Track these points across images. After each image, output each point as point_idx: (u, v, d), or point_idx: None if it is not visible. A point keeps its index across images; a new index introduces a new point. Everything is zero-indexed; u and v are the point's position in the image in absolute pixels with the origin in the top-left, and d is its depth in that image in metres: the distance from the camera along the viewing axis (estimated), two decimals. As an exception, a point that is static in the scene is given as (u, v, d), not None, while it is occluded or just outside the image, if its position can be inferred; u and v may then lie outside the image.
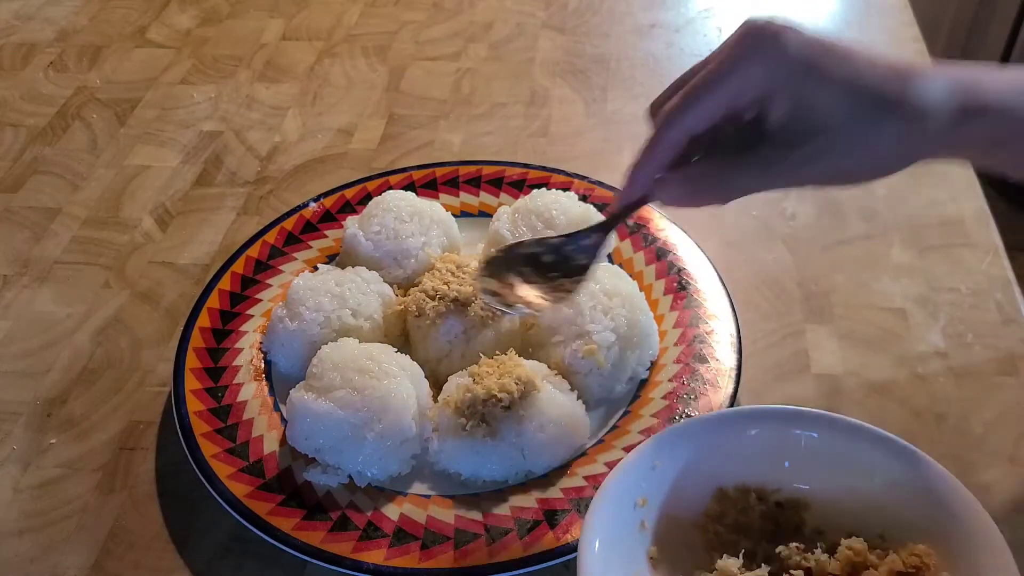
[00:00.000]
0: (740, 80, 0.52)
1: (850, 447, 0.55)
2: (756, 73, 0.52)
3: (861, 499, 0.54)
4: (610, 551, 0.52)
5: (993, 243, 0.84)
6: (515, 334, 0.73)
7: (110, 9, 1.26)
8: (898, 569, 0.50)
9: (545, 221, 0.78)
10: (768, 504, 0.56)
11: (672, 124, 0.54)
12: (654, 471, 0.55)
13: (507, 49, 1.15)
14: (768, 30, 0.53)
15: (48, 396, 0.75)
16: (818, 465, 0.56)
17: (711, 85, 0.53)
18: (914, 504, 0.52)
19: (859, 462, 0.55)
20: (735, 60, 0.52)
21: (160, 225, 0.91)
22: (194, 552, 0.64)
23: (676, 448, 0.56)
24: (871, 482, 0.54)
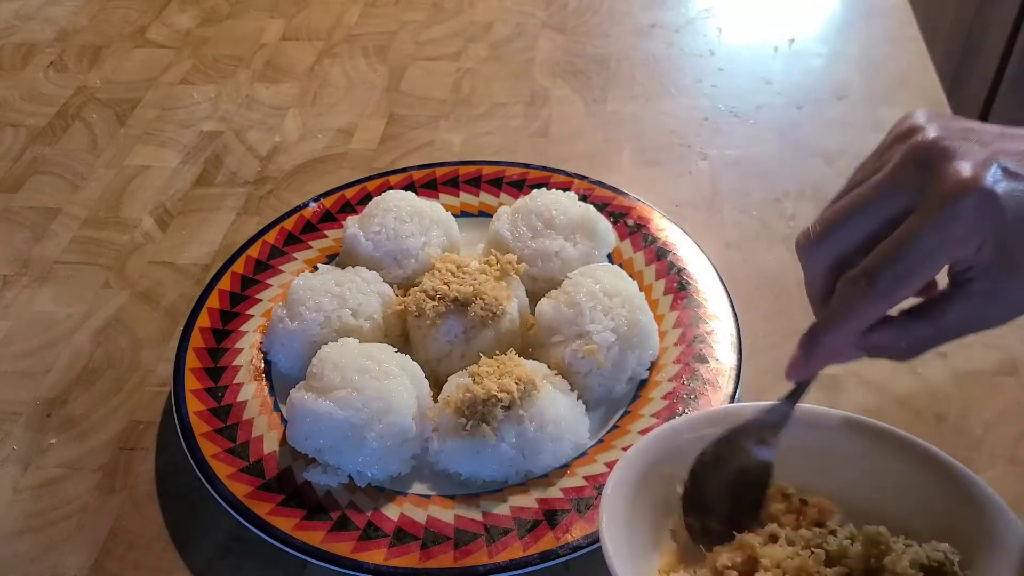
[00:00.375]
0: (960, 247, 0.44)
1: (871, 450, 0.55)
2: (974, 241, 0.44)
3: (887, 500, 0.54)
4: (636, 511, 0.52)
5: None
6: (515, 334, 0.73)
7: (110, 9, 1.26)
8: (921, 562, 0.49)
9: (545, 221, 0.78)
10: (792, 501, 0.56)
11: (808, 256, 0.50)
12: (681, 447, 0.55)
13: (507, 49, 1.15)
14: (963, 175, 0.43)
15: (48, 396, 0.75)
16: (842, 468, 0.56)
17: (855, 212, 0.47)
18: (939, 504, 0.52)
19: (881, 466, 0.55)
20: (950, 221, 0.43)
21: (160, 225, 0.91)
22: (194, 552, 0.64)
23: (709, 430, 0.56)
24: (899, 488, 0.54)
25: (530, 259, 0.77)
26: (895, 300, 0.46)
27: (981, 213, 0.43)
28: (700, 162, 0.95)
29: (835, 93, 1.03)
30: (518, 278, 0.75)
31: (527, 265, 0.76)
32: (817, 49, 1.11)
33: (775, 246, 0.85)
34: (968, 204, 0.43)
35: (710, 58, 1.11)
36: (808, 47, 1.12)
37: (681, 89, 1.06)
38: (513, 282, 0.74)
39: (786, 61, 1.10)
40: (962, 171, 0.43)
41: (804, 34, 1.14)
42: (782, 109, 1.02)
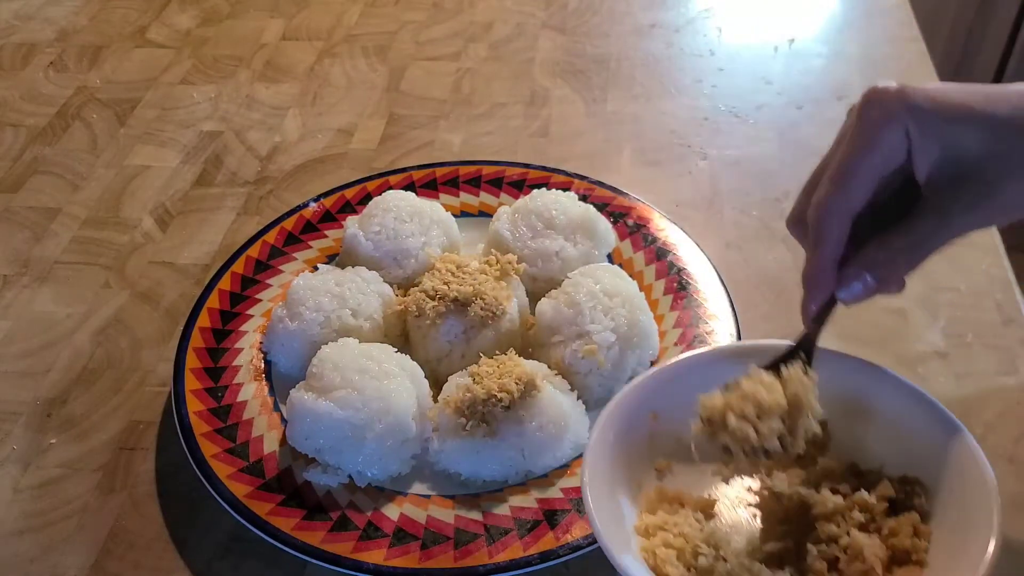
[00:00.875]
0: (882, 146, 0.52)
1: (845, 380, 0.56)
2: (895, 135, 0.52)
3: (864, 430, 0.56)
4: (618, 452, 0.54)
5: (993, 243, 0.84)
6: (515, 334, 0.73)
7: (110, 9, 1.26)
8: (888, 495, 0.51)
9: (545, 221, 0.78)
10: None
11: (834, 212, 0.53)
12: (668, 389, 0.57)
13: (507, 49, 1.15)
14: (889, 93, 0.52)
15: (48, 396, 0.75)
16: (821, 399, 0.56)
17: (856, 160, 0.53)
18: (906, 434, 0.54)
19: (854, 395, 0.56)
20: (870, 130, 0.52)
21: (160, 225, 0.91)
22: (194, 552, 0.64)
23: (690, 372, 0.57)
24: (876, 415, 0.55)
25: (530, 259, 0.77)
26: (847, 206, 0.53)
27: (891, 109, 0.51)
28: (700, 162, 0.95)
29: (835, 93, 1.03)
30: (518, 278, 0.75)
31: (527, 265, 0.76)
32: (817, 49, 1.11)
33: (775, 246, 0.85)
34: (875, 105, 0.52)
35: (710, 58, 1.11)
36: (808, 47, 1.12)
37: (681, 89, 1.06)
38: (513, 282, 0.74)
39: (786, 61, 1.10)
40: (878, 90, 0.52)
41: (804, 34, 1.14)
42: (782, 109, 1.02)
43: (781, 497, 0.53)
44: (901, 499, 0.52)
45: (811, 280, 0.55)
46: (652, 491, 0.56)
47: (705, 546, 0.52)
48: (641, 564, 0.50)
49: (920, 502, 0.51)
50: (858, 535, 0.50)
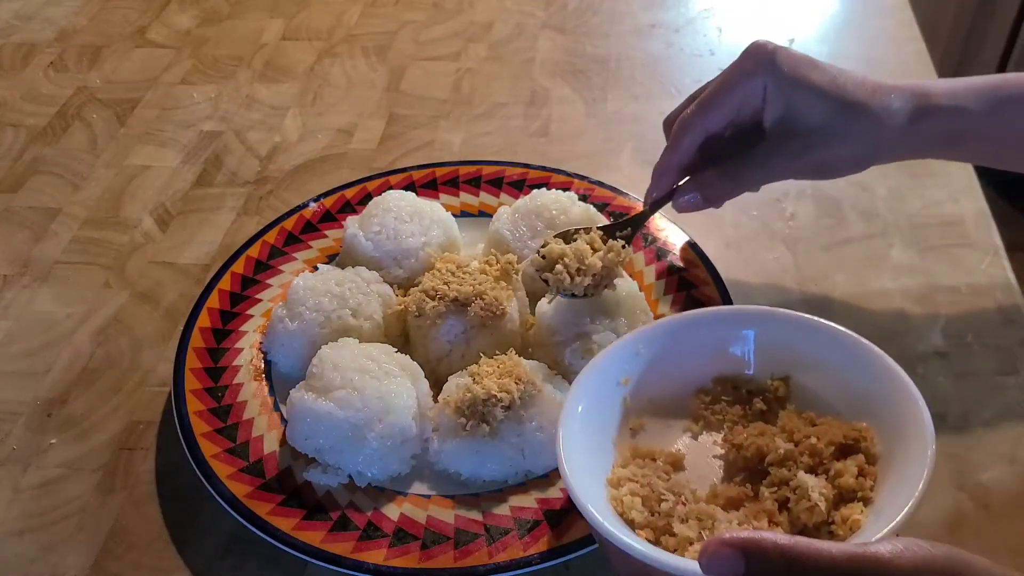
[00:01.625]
0: (743, 90, 0.68)
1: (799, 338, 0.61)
2: (755, 84, 0.67)
3: (819, 384, 0.60)
4: (591, 415, 0.58)
5: (993, 243, 0.84)
6: (515, 334, 0.73)
7: (110, 9, 1.26)
8: (838, 441, 0.55)
9: (545, 221, 0.78)
10: (741, 392, 0.62)
11: (689, 127, 0.70)
12: (638, 356, 0.61)
13: (507, 49, 1.15)
14: (766, 49, 0.67)
15: (48, 396, 0.75)
16: (780, 357, 0.62)
17: (721, 93, 0.69)
18: (855, 384, 0.58)
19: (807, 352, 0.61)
20: (740, 74, 0.68)
21: (160, 225, 0.91)
22: (194, 552, 0.64)
23: (657, 339, 0.62)
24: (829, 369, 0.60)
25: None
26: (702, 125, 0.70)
27: (760, 62, 0.67)
28: (700, 162, 0.95)
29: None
30: (518, 278, 0.75)
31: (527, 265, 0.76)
32: (817, 49, 1.11)
33: (775, 246, 0.85)
34: (751, 55, 0.68)
35: (710, 58, 1.11)
36: (808, 47, 1.11)
37: (681, 89, 1.06)
38: (513, 282, 0.74)
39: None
40: (758, 44, 0.68)
41: (804, 34, 1.14)
42: (782, 109, 1.02)
43: (740, 447, 0.57)
44: (850, 444, 0.55)
45: (657, 173, 0.73)
46: (627, 448, 0.59)
47: (668, 493, 0.55)
48: (609, 510, 0.53)
49: (867, 445, 0.55)
50: (804, 476, 0.53)
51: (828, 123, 0.66)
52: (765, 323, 0.62)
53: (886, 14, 1.16)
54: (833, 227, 0.87)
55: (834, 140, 0.66)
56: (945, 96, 0.67)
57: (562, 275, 0.69)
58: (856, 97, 0.66)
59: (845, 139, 0.66)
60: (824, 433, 0.56)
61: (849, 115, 0.66)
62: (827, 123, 0.66)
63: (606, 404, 0.60)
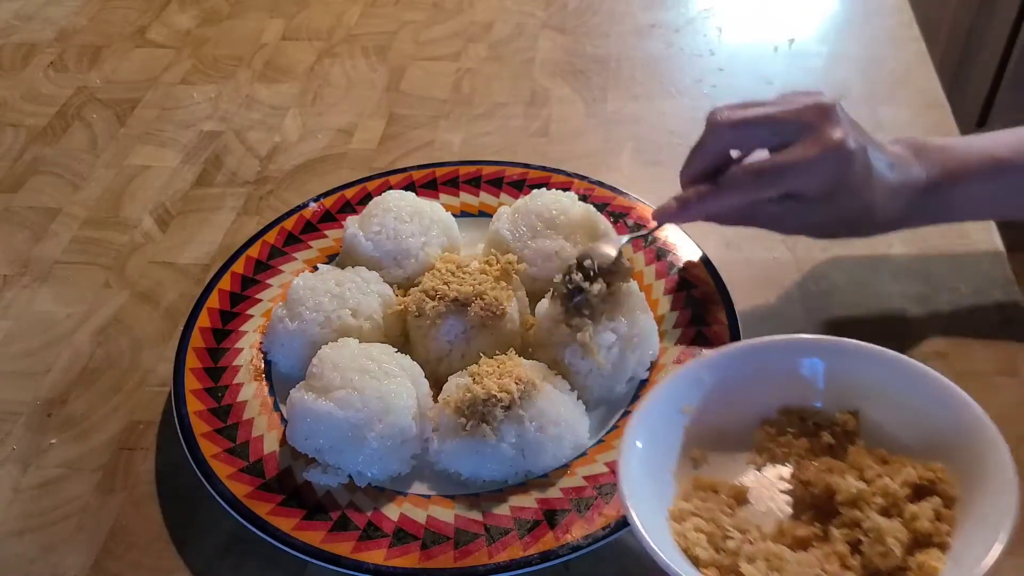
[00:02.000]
0: (809, 181, 0.67)
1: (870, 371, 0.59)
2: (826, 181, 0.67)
3: (891, 420, 0.58)
4: (652, 445, 0.57)
5: (993, 243, 0.84)
6: (515, 334, 0.73)
7: (110, 9, 1.26)
8: (912, 481, 0.53)
9: (545, 221, 0.78)
10: (808, 424, 0.60)
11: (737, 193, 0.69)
12: (700, 384, 0.60)
13: (507, 49, 1.15)
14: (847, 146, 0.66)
15: (48, 396, 0.75)
16: (849, 390, 0.60)
17: (785, 175, 0.67)
18: (930, 421, 0.56)
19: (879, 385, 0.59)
20: (810, 163, 0.66)
21: (160, 225, 0.91)
22: (194, 552, 0.64)
23: (722, 366, 0.61)
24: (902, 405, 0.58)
25: (530, 259, 0.77)
26: (764, 195, 0.69)
27: (841, 158, 0.66)
28: (700, 162, 0.95)
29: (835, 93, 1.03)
30: (518, 278, 0.75)
31: (527, 265, 0.76)
32: (817, 49, 1.11)
33: (775, 246, 0.85)
34: (838, 152, 0.66)
35: (710, 58, 1.11)
36: (808, 47, 1.12)
37: (681, 89, 1.06)
38: (513, 282, 0.74)
39: (786, 61, 1.09)
40: (839, 131, 0.66)
41: (804, 34, 1.14)
42: (782, 109, 1.02)
43: (809, 484, 0.55)
44: (925, 485, 0.53)
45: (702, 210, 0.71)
46: (688, 480, 0.58)
47: (734, 530, 0.53)
48: (673, 545, 0.52)
49: (944, 487, 0.53)
50: (879, 519, 0.51)
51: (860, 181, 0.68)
52: (835, 353, 0.60)
53: (886, 14, 1.16)
54: (833, 227, 0.87)
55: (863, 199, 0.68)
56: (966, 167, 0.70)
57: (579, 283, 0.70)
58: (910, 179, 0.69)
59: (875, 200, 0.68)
60: (898, 473, 0.54)
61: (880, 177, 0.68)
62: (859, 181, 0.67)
63: (667, 433, 0.58)
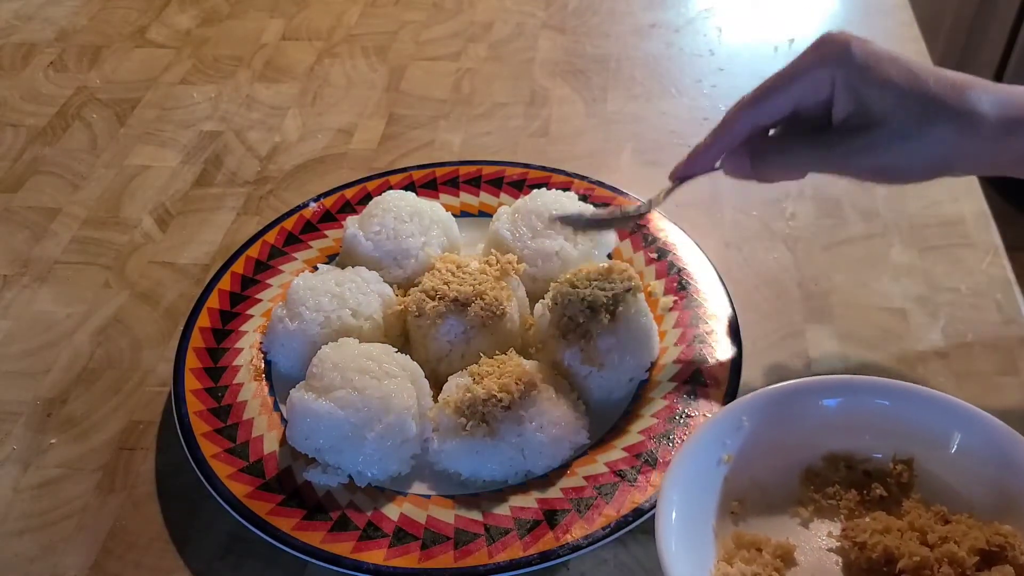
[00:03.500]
0: (808, 81, 0.61)
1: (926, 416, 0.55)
2: (823, 77, 0.60)
3: (950, 472, 0.54)
4: (690, 499, 0.53)
5: (993, 243, 0.84)
6: (515, 334, 0.73)
7: (110, 9, 1.26)
8: (981, 547, 0.49)
9: (545, 221, 0.78)
10: (856, 472, 0.57)
11: (738, 114, 0.63)
12: (740, 429, 0.56)
13: (507, 49, 1.15)
14: (838, 39, 0.60)
15: (48, 396, 0.75)
16: (902, 436, 0.56)
17: (781, 84, 0.62)
18: (995, 475, 0.52)
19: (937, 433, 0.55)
20: (807, 65, 0.61)
21: (160, 225, 0.91)
22: (194, 552, 0.64)
23: (763, 408, 0.57)
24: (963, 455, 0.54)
25: (530, 259, 0.77)
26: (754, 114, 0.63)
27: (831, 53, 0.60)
28: (700, 162, 0.95)
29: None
30: (518, 278, 0.75)
31: (527, 265, 0.76)
32: (817, 49, 1.11)
33: (775, 246, 0.85)
34: (822, 45, 0.60)
35: (710, 58, 1.11)
36: (808, 47, 1.12)
37: (681, 89, 1.06)
38: (513, 282, 0.74)
39: (786, 61, 1.09)
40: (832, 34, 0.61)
41: (804, 34, 1.14)
42: (782, 109, 1.02)
43: (864, 547, 0.52)
44: (994, 551, 0.49)
45: (693, 151, 0.66)
46: (729, 537, 0.54)
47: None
48: None
49: (1015, 555, 0.49)
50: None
51: (903, 123, 0.58)
52: (887, 396, 0.57)
53: (886, 14, 1.16)
54: (833, 227, 0.87)
55: (907, 142, 0.58)
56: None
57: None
58: (939, 95, 0.58)
59: (920, 143, 0.58)
60: (963, 536, 0.50)
61: (928, 116, 0.58)
62: (902, 123, 0.58)
63: (706, 486, 0.55)
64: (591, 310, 0.68)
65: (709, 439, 0.56)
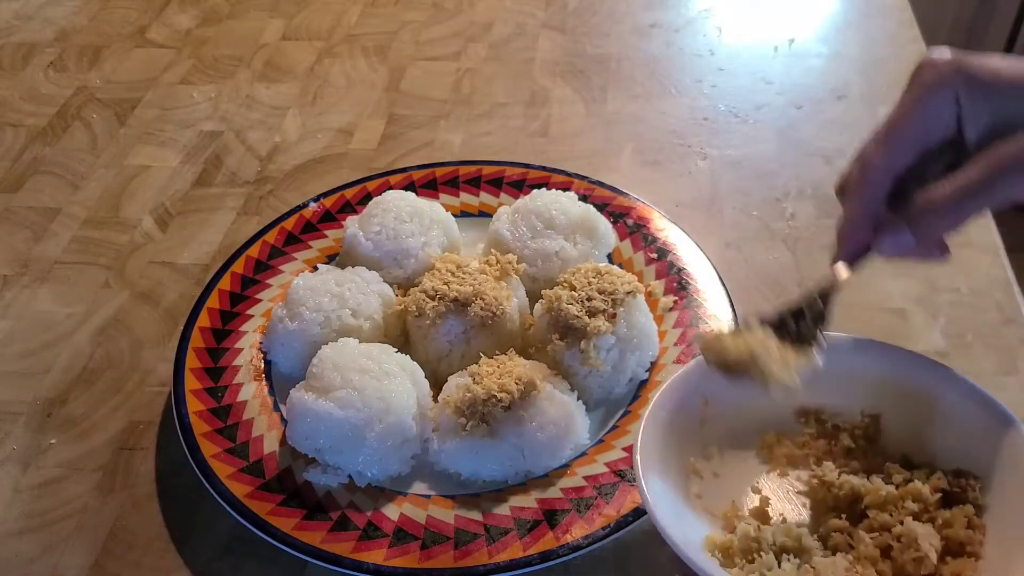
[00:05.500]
0: (931, 109, 0.53)
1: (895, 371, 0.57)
2: (944, 99, 0.52)
3: (917, 426, 0.56)
4: (667, 440, 0.55)
5: (993, 243, 0.84)
6: (515, 334, 0.73)
7: (110, 9, 1.26)
8: (944, 488, 0.51)
9: (545, 221, 0.78)
10: (825, 426, 0.58)
11: (872, 167, 0.54)
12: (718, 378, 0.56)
13: (507, 49, 1.15)
14: (943, 60, 0.53)
15: (48, 396, 0.75)
16: (871, 392, 0.57)
17: (903, 120, 0.53)
18: (958, 428, 0.54)
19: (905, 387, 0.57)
20: (919, 92, 0.53)
21: (160, 225, 0.91)
22: (194, 552, 0.64)
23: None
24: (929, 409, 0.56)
25: (530, 259, 0.77)
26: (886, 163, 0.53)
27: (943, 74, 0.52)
28: (700, 162, 0.95)
29: (835, 93, 1.03)
30: (518, 278, 0.75)
31: (527, 265, 0.76)
32: (817, 49, 1.11)
33: (775, 246, 0.85)
34: (929, 68, 0.53)
35: (710, 58, 1.11)
36: (808, 47, 1.12)
37: (681, 89, 1.06)
38: (513, 282, 0.74)
39: (786, 61, 1.10)
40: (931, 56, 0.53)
41: (804, 34, 1.14)
42: (782, 109, 1.02)
43: (831, 486, 0.54)
44: (955, 492, 0.52)
45: (842, 233, 0.56)
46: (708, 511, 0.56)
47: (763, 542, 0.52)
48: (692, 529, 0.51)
49: (974, 496, 0.51)
50: (912, 523, 0.50)
51: None
52: (856, 351, 0.58)
53: (886, 14, 1.16)
54: (833, 227, 0.86)
55: None
56: None
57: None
58: None
59: None
60: (926, 478, 0.52)
61: None
62: None
63: (685, 428, 0.57)
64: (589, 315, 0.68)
65: (688, 383, 0.58)
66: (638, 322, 0.70)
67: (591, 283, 0.71)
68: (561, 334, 0.69)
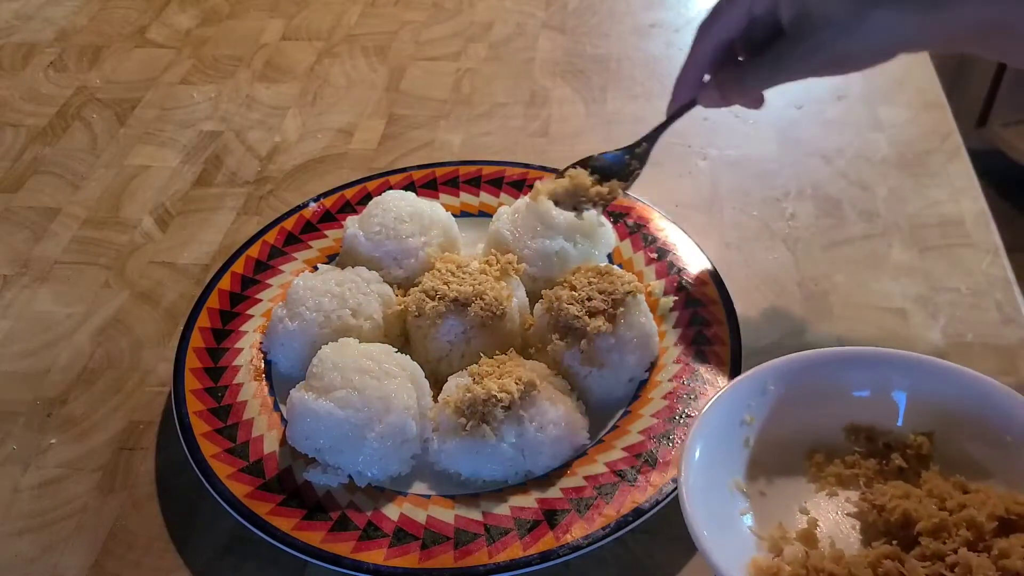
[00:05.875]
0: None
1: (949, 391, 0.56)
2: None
3: (970, 445, 0.55)
4: (711, 458, 0.54)
5: (993, 243, 0.84)
6: (515, 334, 0.73)
7: (110, 9, 1.26)
8: (1000, 514, 0.50)
9: (545, 221, 0.78)
10: (876, 444, 0.57)
11: (703, 36, 0.69)
12: (765, 394, 0.57)
13: (507, 49, 1.15)
14: None
15: (48, 396, 0.75)
16: (925, 410, 0.56)
17: (730, 2, 0.67)
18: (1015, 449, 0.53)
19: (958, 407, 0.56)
20: None
21: (160, 225, 0.91)
22: (194, 552, 0.64)
23: (789, 375, 0.58)
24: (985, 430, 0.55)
25: (530, 259, 0.77)
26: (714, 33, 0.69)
27: None
28: (700, 162, 0.95)
29: (835, 93, 1.03)
30: (518, 278, 0.75)
31: (527, 265, 0.76)
32: (817, 49, 1.11)
33: (775, 246, 0.85)
34: None
35: (710, 58, 1.11)
36: (808, 47, 1.12)
37: (681, 89, 1.06)
38: (513, 282, 0.74)
39: (786, 61, 1.09)
40: None
41: (804, 34, 1.14)
42: (782, 109, 1.02)
43: (883, 509, 0.52)
44: (1013, 519, 0.50)
45: (676, 85, 0.73)
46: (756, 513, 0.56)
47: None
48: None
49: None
50: (967, 553, 0.48)
51: (843, 18, 0.61)
52: (912, 370, 0.57)
53: (886, 14, 1.16)
54: (833, 227, 0.87)
55: (851, 36, 0.61)
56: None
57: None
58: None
59: (862, 32, 0.61)
60: (982, 504, 0.50)
61: (865, 7, 0.60)
62: (841, 18, 0.61)
63: (727, 445, 0.56)
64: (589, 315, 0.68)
65: (734, 399, 0.57)
66: (638, 322, 0.70)
67: (591, 283, 0.71)
68: (561, 334, 0.69)
